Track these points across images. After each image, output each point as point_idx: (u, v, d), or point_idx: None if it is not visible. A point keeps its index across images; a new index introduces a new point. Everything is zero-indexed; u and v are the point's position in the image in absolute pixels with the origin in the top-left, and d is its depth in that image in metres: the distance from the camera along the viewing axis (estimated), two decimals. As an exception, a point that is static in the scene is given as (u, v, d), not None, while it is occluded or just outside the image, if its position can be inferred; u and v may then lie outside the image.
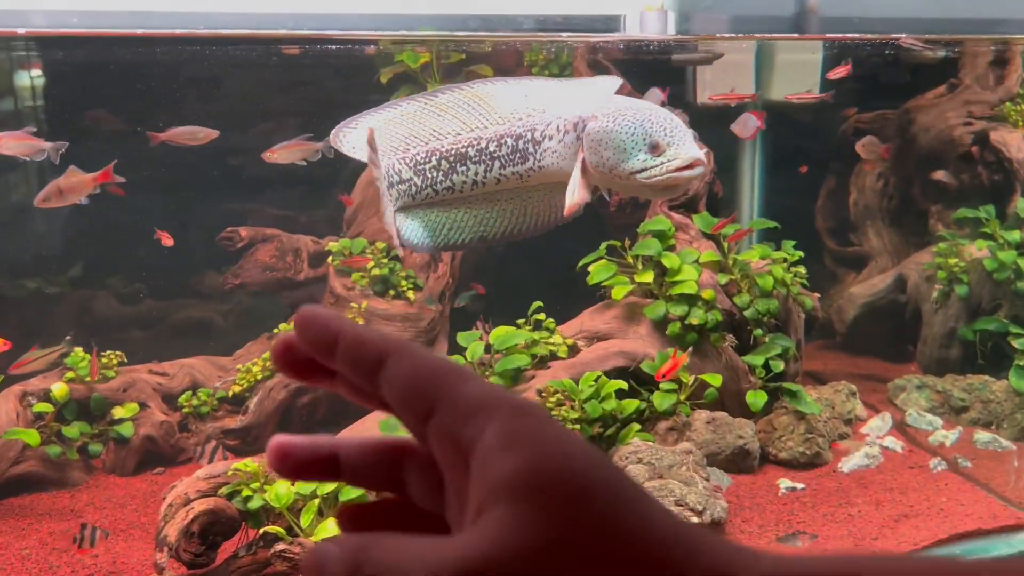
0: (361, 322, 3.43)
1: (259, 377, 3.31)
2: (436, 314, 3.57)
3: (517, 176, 2.22)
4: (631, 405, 2.90)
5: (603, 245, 3.25)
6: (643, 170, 1.94)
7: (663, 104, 3.67)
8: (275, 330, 3.40)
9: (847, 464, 3.08)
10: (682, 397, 3.00)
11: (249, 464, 2.41)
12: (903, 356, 4.08)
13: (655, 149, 1.92)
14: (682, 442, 2.91)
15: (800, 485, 2.96)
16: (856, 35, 3.84)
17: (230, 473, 2.41)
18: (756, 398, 3.07)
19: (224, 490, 2.38)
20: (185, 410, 3.28)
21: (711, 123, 3.67)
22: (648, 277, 3.12)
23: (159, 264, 3.88)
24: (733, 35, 3.86)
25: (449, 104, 2.21)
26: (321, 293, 3.54)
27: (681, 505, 2.64)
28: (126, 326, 3.92)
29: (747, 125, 3.53)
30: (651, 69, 4.01)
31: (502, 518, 0.45)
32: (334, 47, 3.53)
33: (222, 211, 3.86)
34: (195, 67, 3.75)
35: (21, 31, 2.37)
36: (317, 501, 2.33)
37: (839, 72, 3.73)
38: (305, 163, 3.15)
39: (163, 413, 3.24)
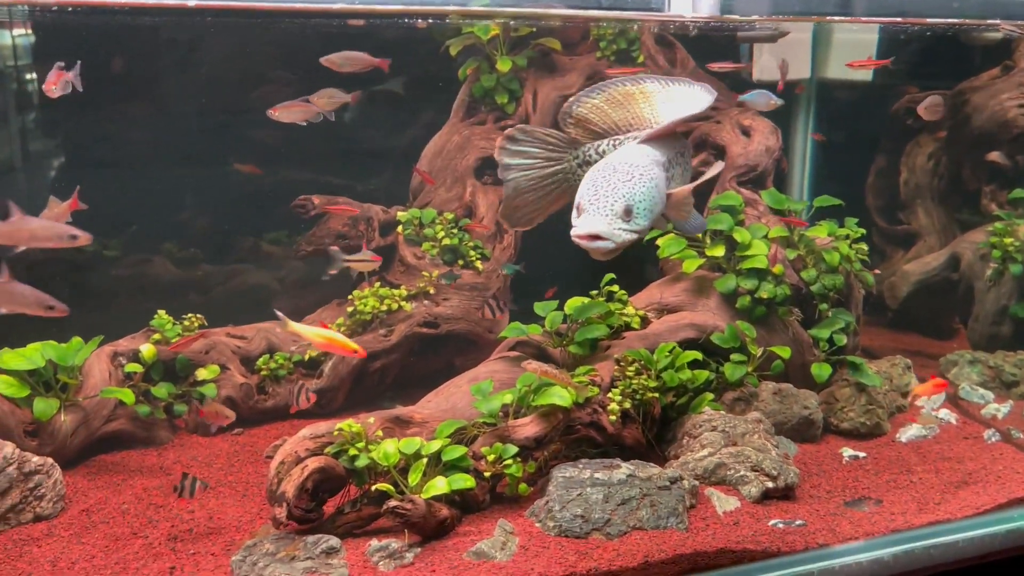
0: (432, 291, 3.53)
1: (333, 342, 3.39)
2: (501, 283, 3.65)
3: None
4: (702, 375, 3.00)
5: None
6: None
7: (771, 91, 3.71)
8: (348, 296, 3.47)
9: (905, 434, 3.20)
10: (750, 368, 3.10)
11: (352, 425, 2.50)
12: (948, 332, 4.19)
13: (576, 209, 2.28)
14: (749, 412, 3.02)
15: (862, 454, 3.08)
16: (899, 19, 3.89)
17: (335, 433, 2.50)
18: (821, 370, 3.17)
19: (330, 449, 2.47)
20: (263, 373, 3.36)
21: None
22: (720, 251, 3.20)
23: (215, 229, 3.94)
24: (778, 17, 3.90)
25: (672, 94, 2.54)
26: (392, 260, 3.61)
27: (757, 470, 2.75)
28: (184, 290, 3.99)
29: (758, 102, 3.52)
30: (711, 42, 4.05)
31: None
32: (403, 20, 3.56)
33: (278, 179, 3.90)
34: (241, 37, 3.76)
35: (192, 3, 2.40)
36: (424, 461, 2.43)
37: (865, 64, 3.79)
38: (306, 123, 3.24)
39: (242, 375, 3.33)
